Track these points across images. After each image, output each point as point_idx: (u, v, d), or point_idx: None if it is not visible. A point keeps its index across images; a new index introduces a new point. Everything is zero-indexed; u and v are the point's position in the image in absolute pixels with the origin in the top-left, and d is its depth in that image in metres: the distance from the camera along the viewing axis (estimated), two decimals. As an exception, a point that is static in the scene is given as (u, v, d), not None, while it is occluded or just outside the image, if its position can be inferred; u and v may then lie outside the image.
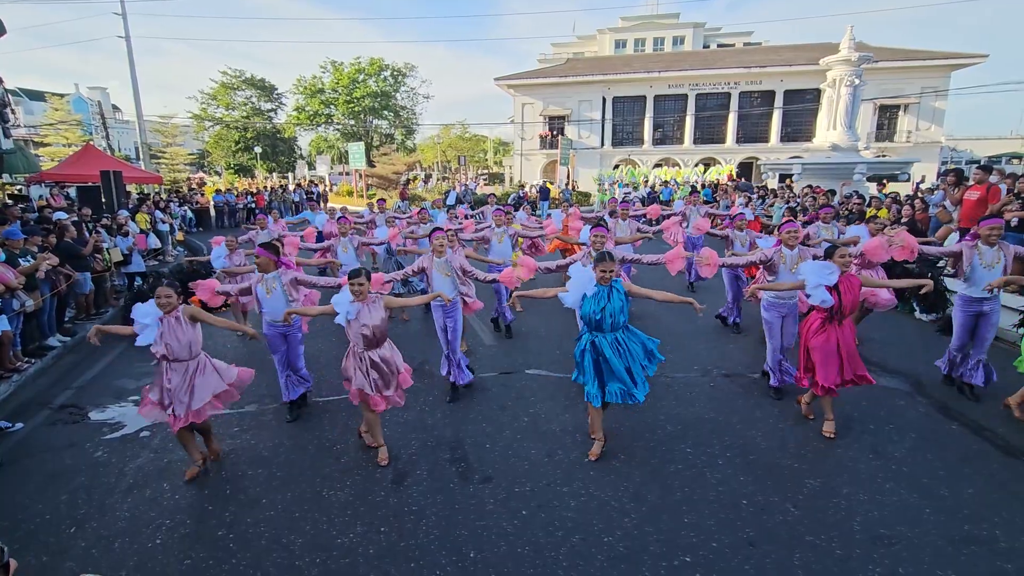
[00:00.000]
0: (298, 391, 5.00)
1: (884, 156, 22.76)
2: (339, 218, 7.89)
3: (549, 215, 9.82)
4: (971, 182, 7.74)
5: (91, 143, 21.70)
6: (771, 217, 13.01)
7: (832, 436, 4.35)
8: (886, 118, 31.27)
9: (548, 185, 26.34)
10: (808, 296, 4.31)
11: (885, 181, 15.28)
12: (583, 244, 5.94)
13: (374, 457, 4.22)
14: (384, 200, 11.18)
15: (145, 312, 3.77)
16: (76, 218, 9.34)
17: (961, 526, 3.33)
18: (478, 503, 3.65)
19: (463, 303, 5.47)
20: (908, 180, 19.84)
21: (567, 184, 27.18)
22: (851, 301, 4.17)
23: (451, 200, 21.96)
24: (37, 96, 39.86)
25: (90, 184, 14.52)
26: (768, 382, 5.26)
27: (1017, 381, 4.67)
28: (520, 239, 8.22)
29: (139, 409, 3.92)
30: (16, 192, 16.91)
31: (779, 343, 5.10)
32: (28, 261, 6.34)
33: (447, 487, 3.84)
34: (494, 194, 16.59)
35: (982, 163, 9.77)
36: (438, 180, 40.01)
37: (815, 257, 4.91)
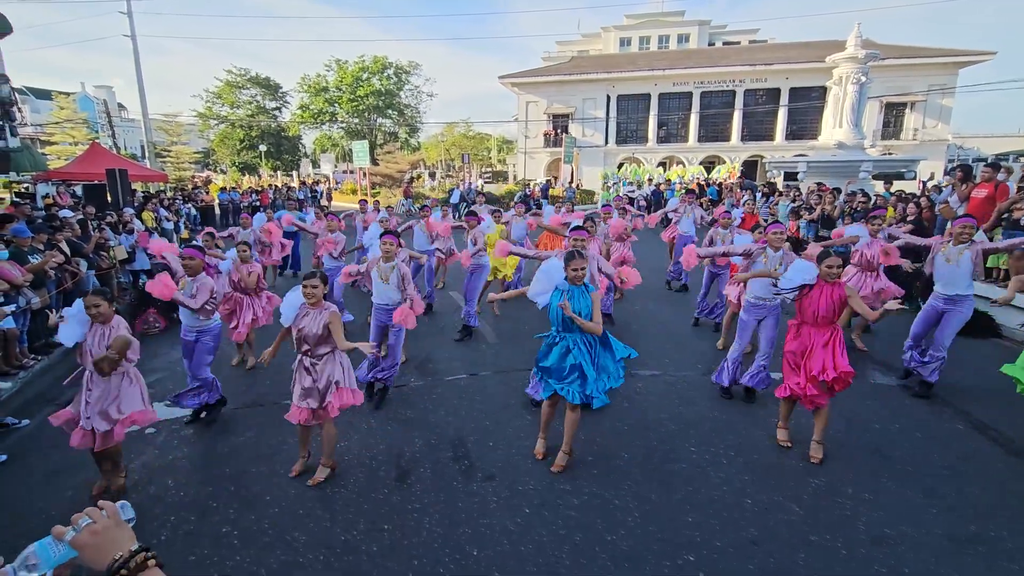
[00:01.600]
0: (193, 402, 4.77)
1: (890, 154, 22.63)
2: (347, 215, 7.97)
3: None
4: (979, 179, 7.69)
5: (97, 142, 21.82)
6: (776, 215, 12.95)
7: (787, 446, 4.22)
8: (892, 116, 31.07)
9: (550, 182, 26.36)
10: (776, 284, 4.29)
11: (891, 181, 15.19)
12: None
13: (376, 455, 4.24)
14: (365, 201, 11.06)
15: (75, 311, 3.60)
16: (81, 216, 9.39)
17: (965, 526, 3.32)
18: (480, 501, 3.66)
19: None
20: (915, 178, 19.68)
21: (571, 182, 27.13)
22: (826, 307, 3.92)
23: (455, 199, 21.99)
24: (44, 95, 40.06)
25: (96, 182, 14.59)
26: (716, 378, 5.21)
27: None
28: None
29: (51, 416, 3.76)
30: (23, 190, 17.02)
31: (745, 345, 5.13)
32: (35, 259, 6.39)
33: (450, 485, 3.85)
34: (482, 193, 16.24)
35: (990, 161, 9.68)
36: (442, 178, 40.01)
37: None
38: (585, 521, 3.43)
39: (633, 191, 24.36)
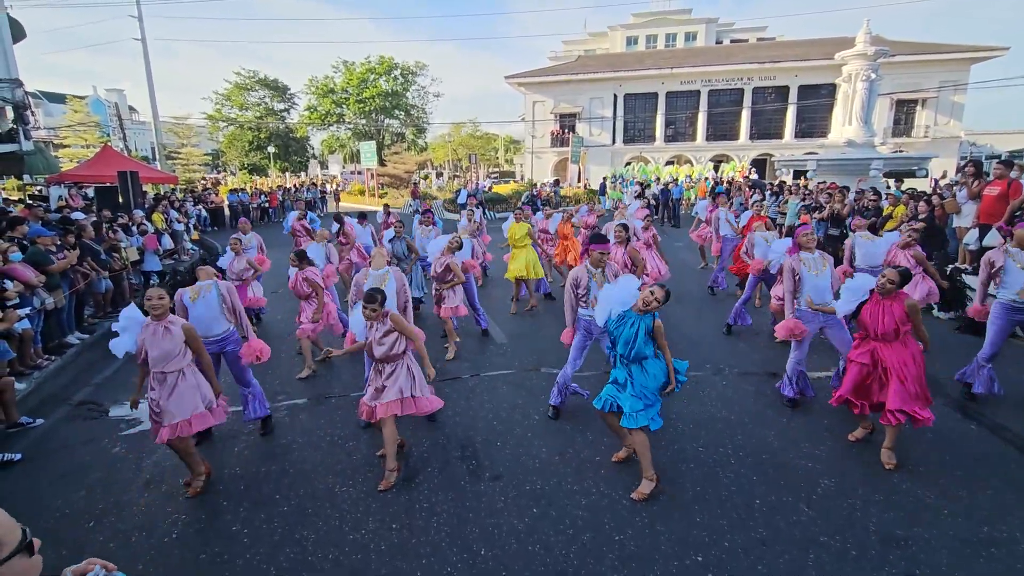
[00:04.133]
0: (261, 411, 4.70)
1: (901, 151, 22.40)
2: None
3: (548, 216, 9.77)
4: (991, 177, 7.58)
5: (109, 144, 22.04)
6: (785, 215, 12.86)
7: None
8: (903, 113, 30.76)
9: (558, 181, 26.28)
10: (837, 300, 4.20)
11: (902, 179, 15.03)
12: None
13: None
14: (388, 207, 11.04)
15: (128, 317, 3.63)
16: (95, 218, 9.50)
17: (979, 528, 3.28)
18: (489, 501, 3.66)
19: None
20: (926, 176, 19.47)
21: (558, 182, 26.70)
22: (887, 322, 3.79)
23: (462, 199, 22.00)
24: (57, 98, 40.65)
25: (108, 184, 14.77)
26: (781, 390, 5.02)
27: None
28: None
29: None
30: (37, 192, 17.25)
31: (804, 354, 4.83)
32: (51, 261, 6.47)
33: (458, 485, 3.86)
34: (473, 195, 15.79)
35: (1003, 158, 9.55)
36: (449, 178, 40.08)
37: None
38: (593, 521, 3.43)
39: (639, 191, 24.26)
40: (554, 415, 4.80)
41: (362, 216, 9.55)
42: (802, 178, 17.80)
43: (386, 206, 11.01)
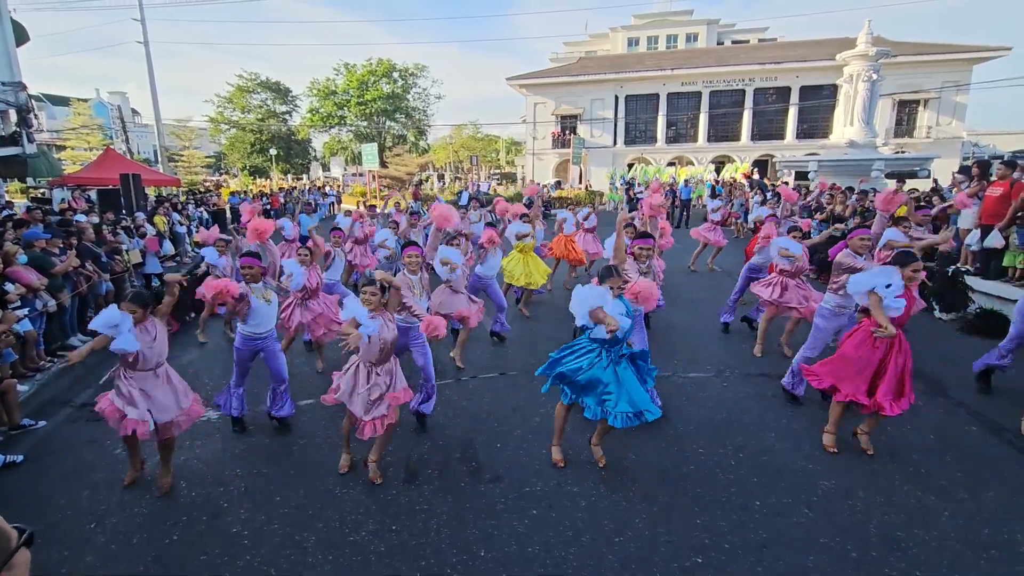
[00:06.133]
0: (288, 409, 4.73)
1: (903, 152, 22.37)
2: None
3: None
4: (994, 177, 7.56)
5: (111, 147, 22.15)
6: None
7: (834, 451, 4.12)
8: (905, 113, 30.69)
9: (559, 183, 26.20)
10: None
11: (904, 180, 15.00)
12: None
13: (385, 456, 4.26)
14: (398, 206, 11.10)
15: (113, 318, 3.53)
16: (97, 220, 9.54)
17: (980, 530, 3.27)
18: (488, 503, 3.66)
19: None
20: (928, 176, 19.45)
21: (542, 189, 26.02)
22: (904, 312, 3.77)
23: (463, 200, 22.02)
24: (61, 101, 40.82)
25: (110, 187, 14.83)
26: (784, 386, 5.05)
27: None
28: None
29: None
30: (40, 195, 17.32)
31: (818, 352, 4.80)
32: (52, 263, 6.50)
33: (457, 486, 3.86)
34: (476, 198, 14.92)
35: (1006, 158, 9.52)
36: (451, 180, 40.14)
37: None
38: (593, 522, 3.43)
39: (641, 192, 24.28)
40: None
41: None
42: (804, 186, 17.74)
43: (373, 207, 11.12)
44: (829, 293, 4.83)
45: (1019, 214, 6.92)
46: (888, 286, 3.70)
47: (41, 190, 18.00)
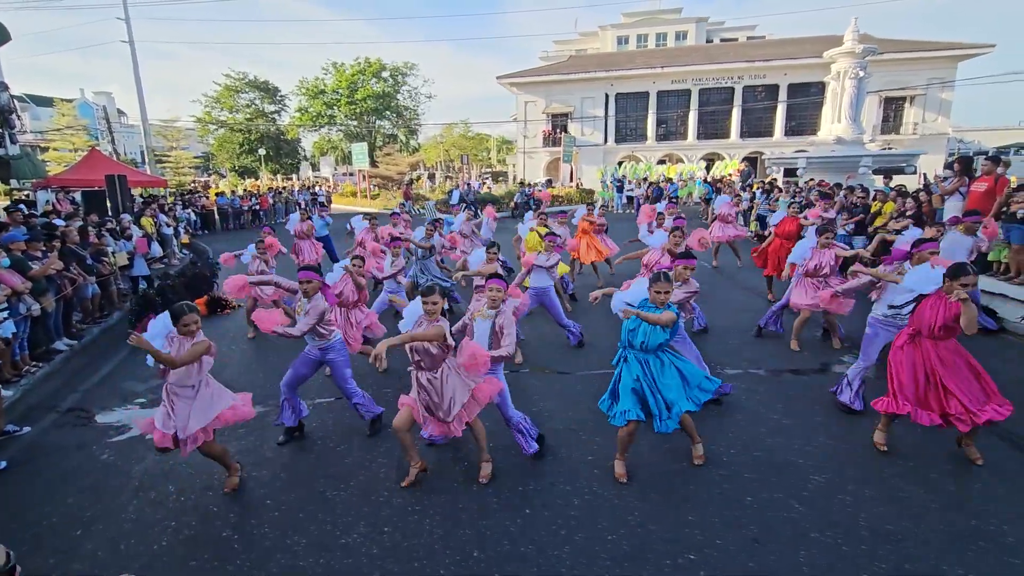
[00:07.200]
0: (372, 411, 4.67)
1: (890, 148, 22.56)
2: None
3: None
4: (979, 173, 7.66)
5: (97, 148, 21.84)
6: (775, 212, 12.91)
7: (883, 448, 4.07)
8: (892, 110, 31.03)
9: (550, 181, 26.18)
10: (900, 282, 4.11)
11: (891, 176, 15.13)
12: None
13: (377, 458, 4.24)
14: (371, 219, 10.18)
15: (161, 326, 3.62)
16: (81, 222, 9.40)
17: (968, 521, 3.30)
18: (481, 502, 3.65)
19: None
20: (915, 172, 19.64)
21: (532, 188, 25.60)
22: (943, 320, 3.67)
23: (454, 199, 21.97)
24: (44, 102, 40.14)
25: (96, 189, 14.63)
26: (836, 394, 4.87)
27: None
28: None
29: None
30: (24, 197, 17.03)
31: (872, 361, 4.70)
32: (36, 266, 6.39)
33: (450, 486, 3.84)
34: (463, 199, 14.35)
35: (990, 154, 9.64)
36: (442, 179, 40.03)
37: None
38: (586, 521, 3.43)
39: (633, 190, 24.34)
40: None
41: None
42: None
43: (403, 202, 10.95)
44: (877, 304, 4.75)
45: (1003, 209, 7.02)
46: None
47: (25, 192, 17.70)
